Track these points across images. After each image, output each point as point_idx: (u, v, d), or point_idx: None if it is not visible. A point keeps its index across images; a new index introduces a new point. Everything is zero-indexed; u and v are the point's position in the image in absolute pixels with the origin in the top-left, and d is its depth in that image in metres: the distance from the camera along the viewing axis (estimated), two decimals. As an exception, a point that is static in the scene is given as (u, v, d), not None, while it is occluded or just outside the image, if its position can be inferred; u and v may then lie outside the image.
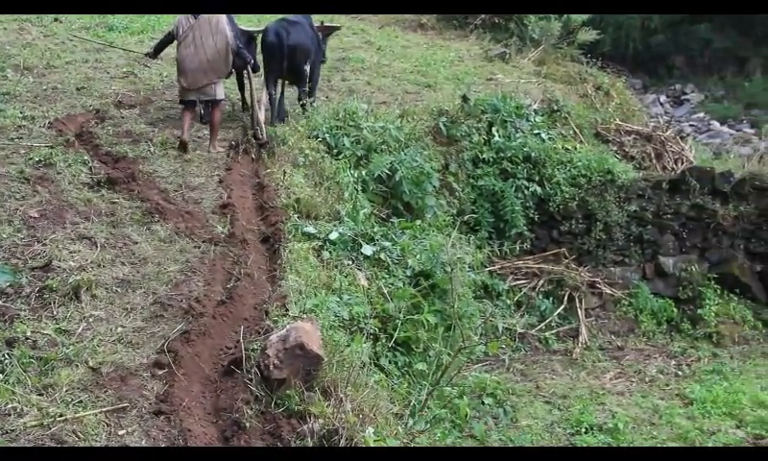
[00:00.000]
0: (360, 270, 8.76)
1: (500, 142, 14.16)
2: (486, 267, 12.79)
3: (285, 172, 10.24)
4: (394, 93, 15.54)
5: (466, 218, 12.85)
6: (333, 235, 8.96)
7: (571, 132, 15.70)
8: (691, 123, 34.15)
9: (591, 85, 19.63)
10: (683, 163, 16.33)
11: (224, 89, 11.76)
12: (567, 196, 14.07)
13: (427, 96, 15.63)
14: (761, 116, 33.24)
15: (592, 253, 14.25)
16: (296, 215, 9.22)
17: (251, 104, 12.10)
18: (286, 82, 13.30)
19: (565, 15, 24.52)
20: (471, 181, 13.84)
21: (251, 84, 11.97)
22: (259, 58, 12.92)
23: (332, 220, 9.56)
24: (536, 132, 14.75)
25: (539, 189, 14.00)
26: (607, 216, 14.08)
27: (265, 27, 12.88)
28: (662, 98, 38.27)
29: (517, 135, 14.40)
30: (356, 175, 11.14)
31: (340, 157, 11.40)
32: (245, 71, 12.22)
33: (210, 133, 11.57)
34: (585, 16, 24.89)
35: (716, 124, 34.19)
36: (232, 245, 8.15)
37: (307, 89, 12.89)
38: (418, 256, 9.47)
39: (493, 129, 14.31)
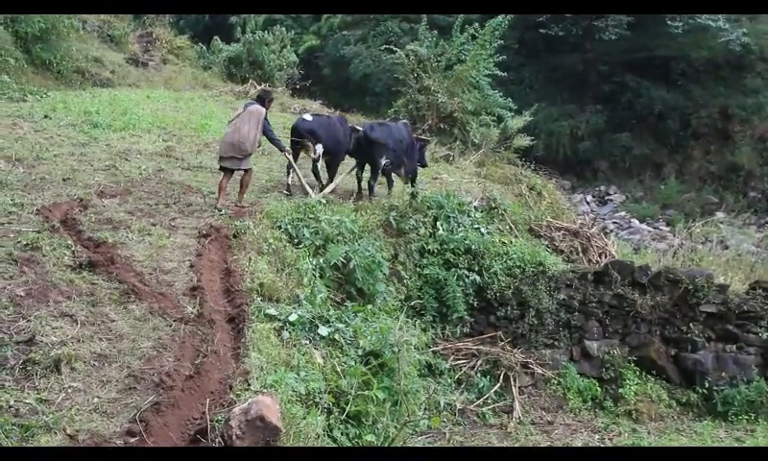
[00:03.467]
0: (316, 349, 8.77)
1: (444, 235, 14.31)
2: (430, 348, 12.84)
3: (250, 259, 10.27)
4: (348, 190, 15.70)
5: (412, 303, 12.95)
6: (293, 317, 8.97)
7: (507, 227, 15.90)
8: (614, 221, 34.75)
9: (526, 186, 19.90)
10: (606, 257, 16.56)
11: (250, 163, 13.38)
12: (504, 285, 14.21)
13: (379, 192, 15.80)
14: (675, 216, 33.93)
15: (526, 336, 14.34)
16: (259, 298, 9.22)
17: (297, 179, 14.64)
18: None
19: (503, 124, 25.07)
20: (418, 269, 13.94)
21: (292, 163, 14.45)
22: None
23: (292, 303, 9.58)
24: (476, 226, 14.91)
25: (478, 278, 14.12)
26: (539, 303, 14.23)
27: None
28: (589, 198, 38.89)
29: (459, 229, 14.56)
30: (314, 262, 11.21)
31: (300, 246, 11.49)
32: (285, 155, 14.35)
33: (240, 189, 13.46)
34: (520, 124, 25.44)
35: (636, 222, 34.80)
36: (201, 324, 8.12)
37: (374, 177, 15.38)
38: (369, 338, 9.49)
39: (438, 223, 14.47)
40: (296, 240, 11.66)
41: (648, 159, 40.67)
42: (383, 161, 15.11)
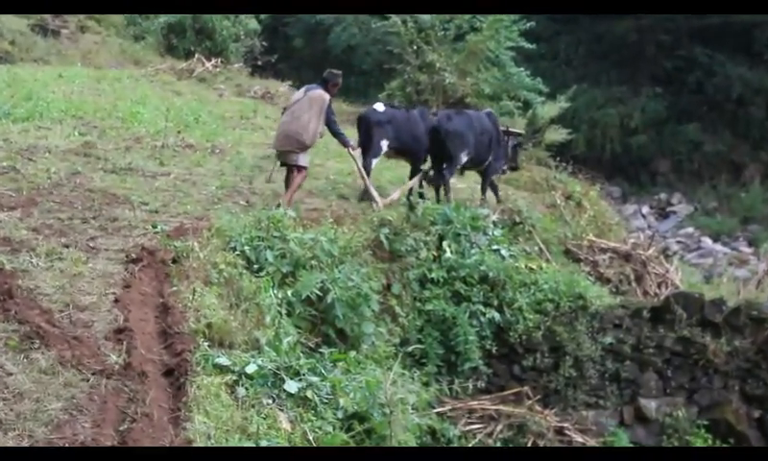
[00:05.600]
0: (282, 410, 8.76)
1: (452, 259, 14.33)
2: (434, 408, 12.84)
3: (195, 291, 10.22)
4: (327, 198, 15.71)
5: (410, 349, 12.92)
6: (251, 368, 8.95)
7: (536, 248, 15.96)
8: (678, 239, 34.86)
9: (561, 194, 19.97)
10: (667, 288, 16.62)
11: (307, 159, 14.49)
12: (531, 325, 14.23)
13: (367, 203, 15.80)
14: (760, 232, 33.92)
15: (560, 393, 14.35)
16: (206, 343, 9.18)
17: (362, 179, 15.51)
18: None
19: (531, 112, 25.11)
20: (418, 304, 13.96)
21: (356, 162, 15.39)
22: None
23: (250, 349, 9.57)
24: (494, 247, 14.96)
25: (497, 316, 14.14)
26: (578, 349, 14.25)
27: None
28: (645, 209, 39.02)
29: (473, 252, 14.59)
30: (280, 295, 11.18)
31: (261, 273, 11.45)
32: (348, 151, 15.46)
33: (286, 188, 14.53)
34: (554, 113, 25.45)
35: (708, 241, 34.89)
36: (128, 378, 8.09)
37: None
38: (351, 395, 9.49)
39: (444, 243, 14.50)
40: (255, 266, 11.62)
41: (724, 158, 40.79)
42: (464, 158, 15.85)
